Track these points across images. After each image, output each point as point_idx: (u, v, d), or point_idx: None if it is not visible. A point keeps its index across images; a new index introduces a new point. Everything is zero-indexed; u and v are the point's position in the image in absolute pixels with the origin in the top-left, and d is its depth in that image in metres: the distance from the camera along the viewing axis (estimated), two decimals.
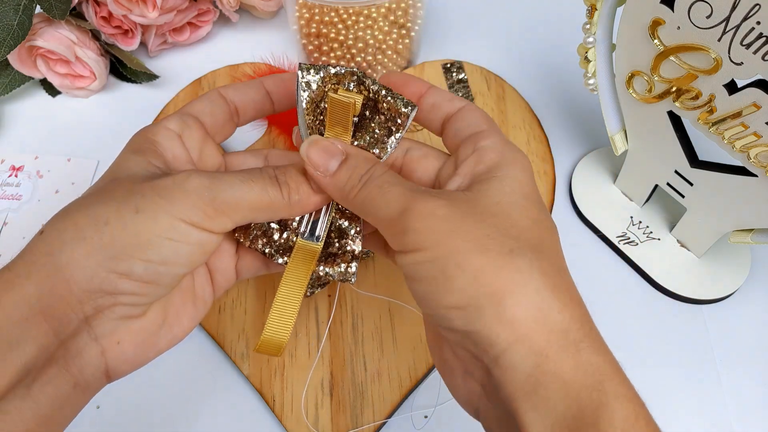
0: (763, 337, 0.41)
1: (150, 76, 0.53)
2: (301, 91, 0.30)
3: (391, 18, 0.48)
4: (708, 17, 0.30)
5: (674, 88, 0.34)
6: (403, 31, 0.50)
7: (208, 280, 0.31)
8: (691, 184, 0.39)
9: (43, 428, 0.24)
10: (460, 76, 0.52)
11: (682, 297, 0.42)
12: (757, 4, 0.28)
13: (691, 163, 0.38)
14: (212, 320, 0.40)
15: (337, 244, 0.31)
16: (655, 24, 0.33)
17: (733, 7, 0.29)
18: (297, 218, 0.31)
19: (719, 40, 0.30)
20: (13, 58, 0.50)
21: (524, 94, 0.51)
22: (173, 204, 0.25)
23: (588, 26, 0.37)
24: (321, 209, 0.31)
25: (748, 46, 0.29)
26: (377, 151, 0.30)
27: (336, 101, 0.29)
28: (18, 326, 0.24)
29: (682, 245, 0.43)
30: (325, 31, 0.48)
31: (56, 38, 0.49)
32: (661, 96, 0.36)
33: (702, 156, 0.38)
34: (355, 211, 0.28)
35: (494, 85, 0.51)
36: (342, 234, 0.31)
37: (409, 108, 0.29)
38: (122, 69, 0.53)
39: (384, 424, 0.37)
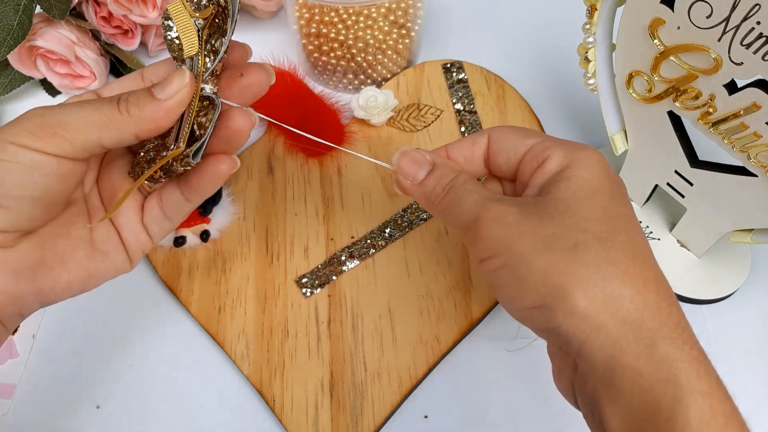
0: (763, 337, 0.41)
1: None
2: (166, 32, 0.30)
3: (391, 18, 0.48)
4: (708, 17, 0.30)
5: (674, 88, 0.34)
6: (403, 31, 0.50)
7: (112, 235, 0.31)
8: (691, 184, 0.39)
9: None
10: (460, 76, 0.52)
11: (682, 297, 0.42)
12: (757, 4, 0.28)
13: (691, 163, 0.38)
14: (212, 320, 0.40)
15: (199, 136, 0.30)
16: (655, 24, 0.33)
17: (733, 7, 0.29)
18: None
19: (719, 40, 0.30)
20: (13, 58, 0.50)
21: (524, 94, 0.51)
22: (3, 130, 0.27)
23: (588, 26, 0.37)
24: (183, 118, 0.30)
25: (748, 46, 0.29)
26: (219, 42, 0.30)
27: (172, 7, 0.29)
28: None
29: (682, 245, 0.43)
30: (325, 31, 0.48)
31: (56, 38, 0.49)
32: (661, 96, 0.36)
33: (702, 156, 0.38)
34: (440, 217, 0.30)
35: (494, 85, 0.51)
36: (200, 127, 0.30)
37: None
38: (122, 69, 0.53)
39: (384, 423, 0.37)
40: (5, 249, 0.28)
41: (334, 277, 0.42)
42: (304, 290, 0.41)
